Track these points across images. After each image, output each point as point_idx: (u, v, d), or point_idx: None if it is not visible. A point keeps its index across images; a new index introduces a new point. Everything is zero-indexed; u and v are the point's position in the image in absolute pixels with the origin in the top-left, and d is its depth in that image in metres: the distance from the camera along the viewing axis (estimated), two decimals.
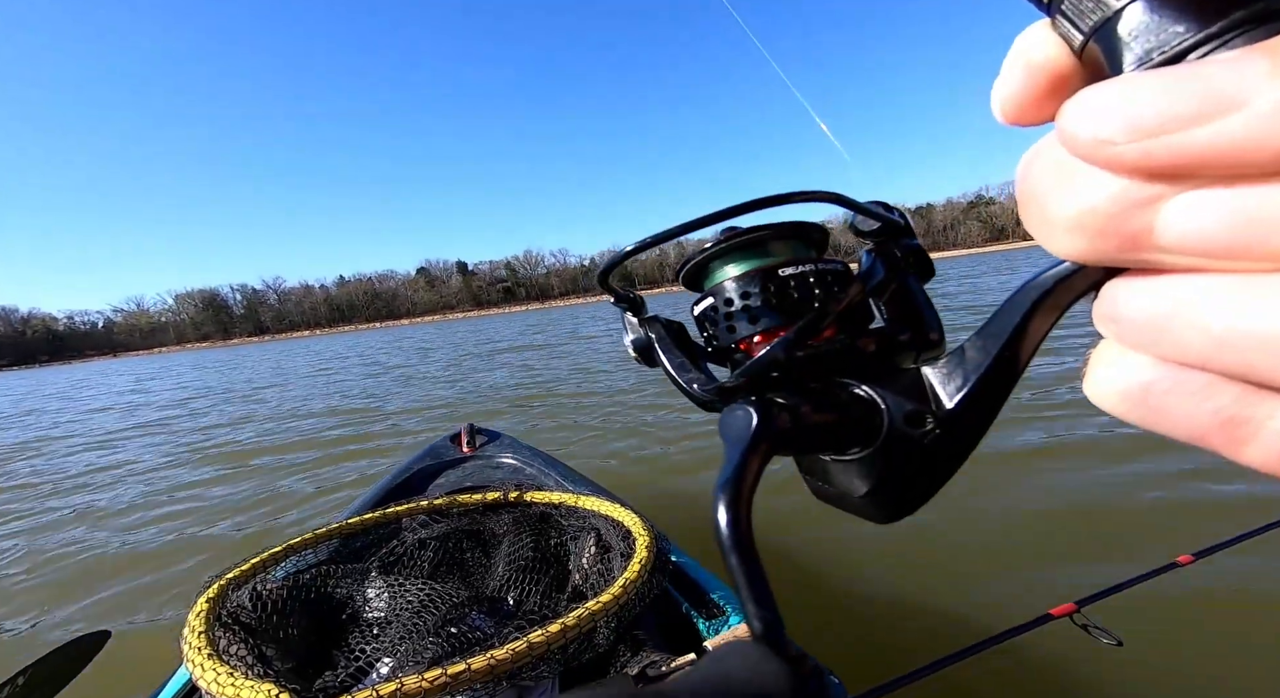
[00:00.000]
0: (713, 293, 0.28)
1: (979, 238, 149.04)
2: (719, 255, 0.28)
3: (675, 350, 0.31)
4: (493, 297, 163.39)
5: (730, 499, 0.18)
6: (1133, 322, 0.14)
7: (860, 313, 0.27)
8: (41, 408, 12.07)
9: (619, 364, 7.84)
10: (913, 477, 0.23)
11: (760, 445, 0.20)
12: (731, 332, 0.27)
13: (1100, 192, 0.13)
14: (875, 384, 0.24)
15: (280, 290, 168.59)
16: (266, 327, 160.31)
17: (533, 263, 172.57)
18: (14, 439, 7.48)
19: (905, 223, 0.28)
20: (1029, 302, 0.19)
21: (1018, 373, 0.20)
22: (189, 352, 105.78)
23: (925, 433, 0.22)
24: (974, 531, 2.08)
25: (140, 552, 2.88)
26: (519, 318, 54.64)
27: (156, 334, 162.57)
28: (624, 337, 0.34)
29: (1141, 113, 0.12)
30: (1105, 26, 0.14)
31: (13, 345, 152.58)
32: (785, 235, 0.28)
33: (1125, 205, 0.13)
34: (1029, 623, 1.05)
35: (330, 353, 22.18)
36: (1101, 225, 0.13)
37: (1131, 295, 0.14)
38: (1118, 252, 0.13)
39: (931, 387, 0.22)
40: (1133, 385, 0.14)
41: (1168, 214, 0.12)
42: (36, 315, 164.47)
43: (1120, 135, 0.12)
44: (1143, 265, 0.14)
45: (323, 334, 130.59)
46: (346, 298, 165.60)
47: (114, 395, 13.44)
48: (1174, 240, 0.12)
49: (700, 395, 0.28)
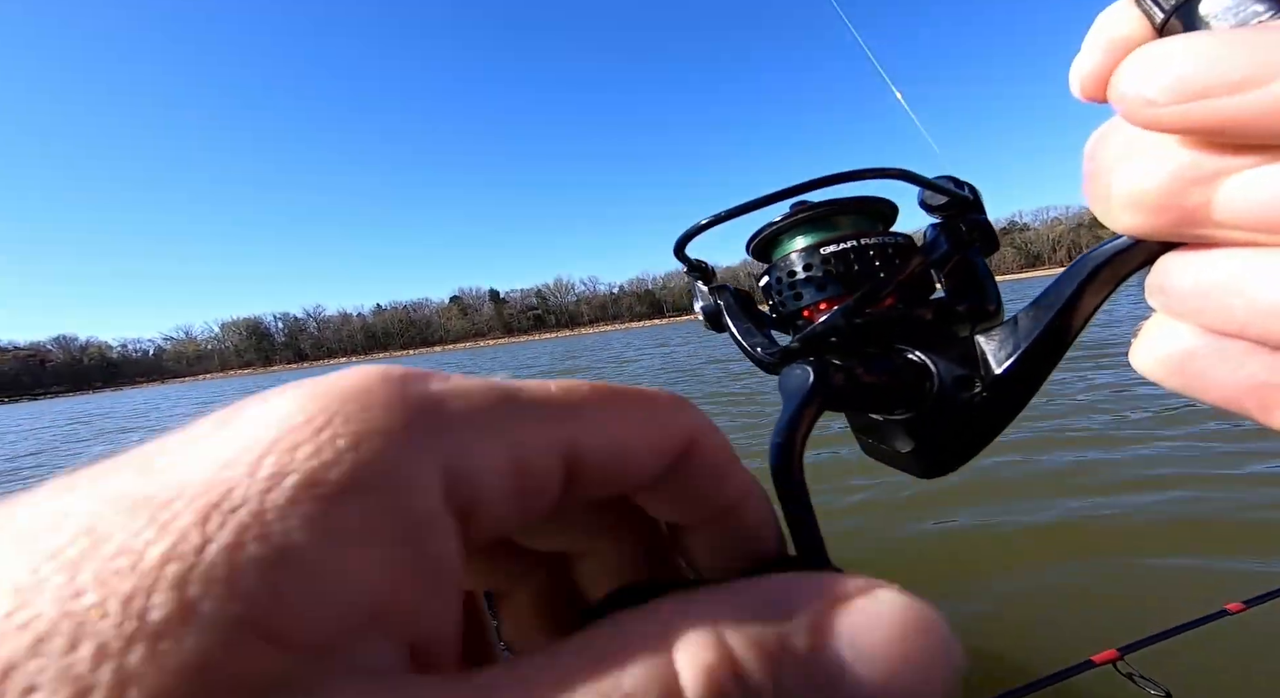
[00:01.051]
0: (779, 263, 0.29)
1: (1014, 264, 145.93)
2: (788, 228, 0.29)
3: (742, 317, 0.33)
4: (523, 324, 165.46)
5: (784, 445, 0.19)
6: (1180, 292, 0.14)
7: (921, 284, 0.28)
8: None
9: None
10: (955, 436, 0.24)
11: (814, 400, 0.21)
12: (796, 300, 0.28)
13: (1162, 168, 0.13)
14: (929, 350, 0.25)
15: (320, 318, 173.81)
16: (306, 354, 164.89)
17: (563, 290, 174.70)
18: None
19: (975, 197, 0.29)
20: (1084, 273, 0.19)
21: (1067, 343, 0.21)
22: (232, 378, 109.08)
23: (972, 396, 0.23)
24: (1013, 572, 2.00)
25: None
26: (550, 344, 55.05)
27: (202, 361, 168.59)
28: (694, 303, 0.36)
29: (1186, 71, 0.12)
30: (1187, 4, 0.14)
31: (70, 373, 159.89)
32: (852, 210, 0.29)
33: (1184, 182, 0.13)
34: (1069, 669, 1.00)
35: None
36: (1160, 201, 0.14)
37: (1182, 267, 0.14)
38: (1174, 227, 0.14)
39: (983, 353, 0.23)
40: (1175, 352, 0.15)
41: (1225, 190, 0.13)
42: (94, 344, 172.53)
43: (1161, 94, 0.12)
44: (1198, 240, 0.14)
45: (358, 360, 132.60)
46: (382, 325, 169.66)
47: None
48: (1229, 215, 0.13)
49: (763, 358, 0.30)
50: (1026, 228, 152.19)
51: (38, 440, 11.67)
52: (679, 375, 9.27)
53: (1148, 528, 2.15)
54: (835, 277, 0.27)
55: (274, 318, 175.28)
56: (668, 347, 19.26)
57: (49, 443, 11.02)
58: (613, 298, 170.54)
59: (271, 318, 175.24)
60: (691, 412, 0.15)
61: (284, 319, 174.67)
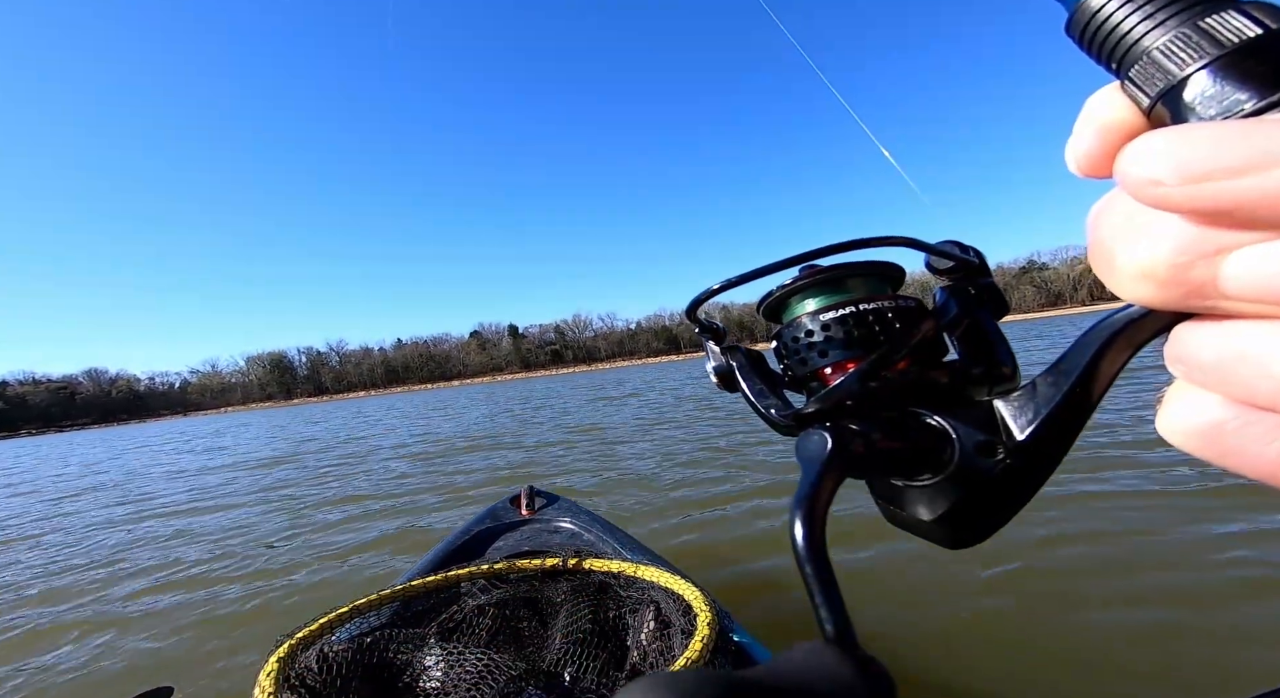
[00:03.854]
0: (791, 325, 0.29)
1: (1034, 303, 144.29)
2: (798, 291, 0.29)
3: (755, 378, 0.33)
4: (541, 359, 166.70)
5: (806, 514, 0.19)
6: (1201, 364, 0.14)
7: (934, 347, 0.28)
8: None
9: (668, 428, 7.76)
10: (982, 505, 0.23)
11: (834, 467, 0.21)
12: (808, 363, 0.28)
13: (1166, 243, 0.14)
14: (947, 414, 0.24)
15: (342, 352, 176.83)
16: (326, 387, 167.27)
17: (581, 326, 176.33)
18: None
19: (980, 261, 0.29)
20: (1100, 341, 0.19)
21: (1090, 408, 0.21)
22: (253, 410, 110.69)
23: (997, 463, 0.23)
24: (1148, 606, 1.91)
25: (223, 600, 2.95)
26: (567, 379, 55.13)
27: (225, 394, 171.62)
28: (707, 363, 0.36)
29: (1192, 157, 0.12)
30: (1171, 92, 0.14)
31: (99, 405, 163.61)
32: (861, 273, 0.29)
33: (1190, 256, 0.13)
34: None
35: (384, 415, 22.78)
36: (1167, 275, 0.14)
37: (1200, 339, 0.14)
38: (1184, 299, 0.14)
39: (1003, 419, 0.23)
40: (1202, 424, 0.15)
41: (1231, 265, 0.13)
42: (123, 377, 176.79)
43: (1169, 176, 0.13)
44: (1210, 311, 0.14)
45: (378, 394, 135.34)
46: (402, 360, 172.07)
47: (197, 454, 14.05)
48: (1237, 289, 0.13)
49: (778, 420, 0.29)
50: (1045, 267, 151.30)
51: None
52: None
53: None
54: (848, 340, 0.27)
55: (298, 352, 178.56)
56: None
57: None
58: (630, 334, 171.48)
59: (295, 351, 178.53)
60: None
61: (307, 353, 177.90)
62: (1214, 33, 0.14)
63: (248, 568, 3.49)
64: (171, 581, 3.41)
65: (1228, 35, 0.14)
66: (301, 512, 4.95)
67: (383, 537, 3.86)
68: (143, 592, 3.25)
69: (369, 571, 3.21)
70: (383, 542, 3.75)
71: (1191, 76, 0.14)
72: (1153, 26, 0.15)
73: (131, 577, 3.57)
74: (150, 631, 2.69)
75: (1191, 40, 0.14)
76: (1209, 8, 0.14)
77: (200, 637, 2.57)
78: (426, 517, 4.30)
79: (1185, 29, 0.14)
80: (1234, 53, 0.14)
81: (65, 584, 3.54)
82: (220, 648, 2.43)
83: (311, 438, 13.43)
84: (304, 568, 3.36)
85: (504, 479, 5.48)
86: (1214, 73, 0.14)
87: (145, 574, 3.59)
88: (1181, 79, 0.14)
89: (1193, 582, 2.02)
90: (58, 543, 4.72)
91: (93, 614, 2.98)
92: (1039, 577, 2.16)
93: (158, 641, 2.57)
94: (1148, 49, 0.15)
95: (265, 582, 3.19)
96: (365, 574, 3.16)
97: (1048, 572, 2.19)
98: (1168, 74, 0.14)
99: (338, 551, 3.66)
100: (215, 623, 2.70)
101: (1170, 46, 0.14)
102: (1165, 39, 0.15)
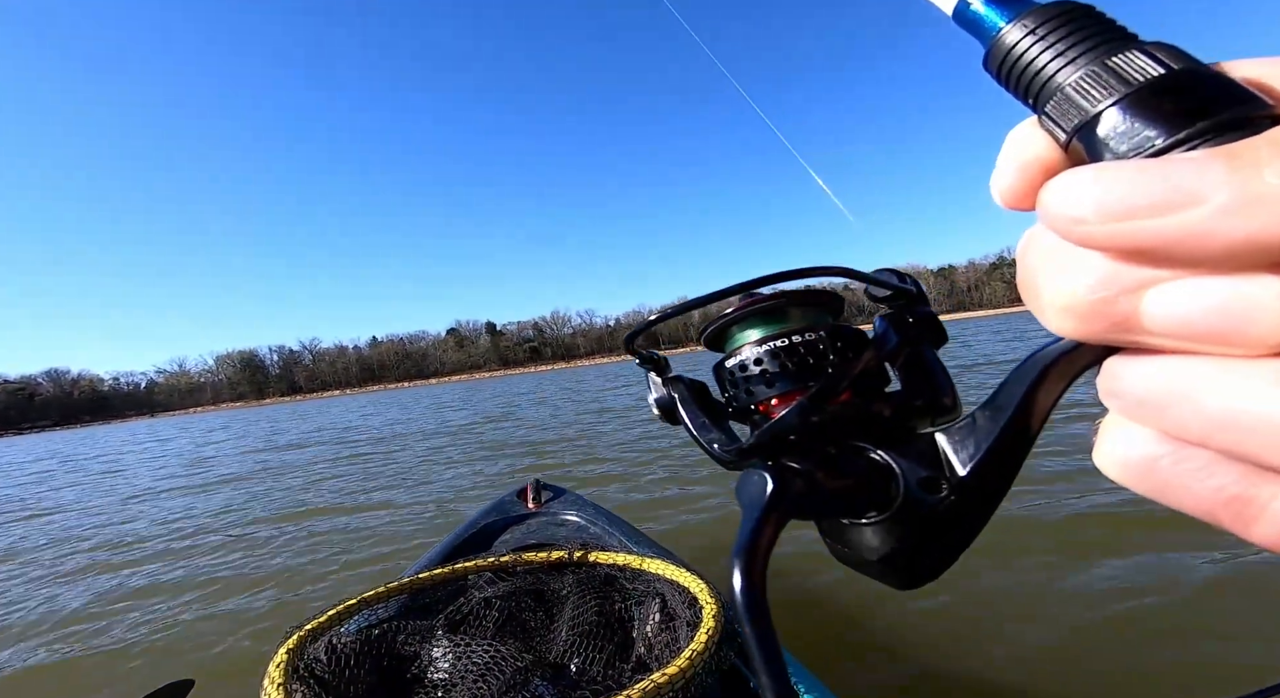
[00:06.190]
0: (733, 355, 0.29)
1: (1004, 299, 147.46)
2: (739, 320, 0.29)
3: (697, 410, 0.32)
4: (519, 356, 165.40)
5: (745, 566, 0.18)
6: (1132, 398, 0.14)
7: (875, 377, 0.27)
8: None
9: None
10: (930, 543, 0.23)
11: (774, 511, 0.20)
12: (750, 394, 0.28)
13: (1086, 277, 0.14)
14: (890, 449, 0.24)
15: (315, 351, 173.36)
16: (299, 386, 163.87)
17: (559, 323, 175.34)
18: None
19: (918, 290, 0.29)
20: (1034, 373, 0.19)
21: (1030, 441, 0.21)
22: (223, 411, 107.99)
23: (940, 499, 0.22)
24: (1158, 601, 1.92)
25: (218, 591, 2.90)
26: (547, 377, 54.83)
27: (194, 394, 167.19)
28: (649, 395, 0.35)
29: (1112, 196, 0.13)
30: (1085, 127, 0.15)
31: (59, 406, 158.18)
32: (801, 302, 0.29)
33: (1111, 291, 0.13)
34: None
35: (363, 413, 22.43)
36: (1089, 309, 0.14)
37: (1130, 373, 0.14)
38: (1108, 333, 0.14)
39: (945, 453, 0.23)
40: (1136, 458, 0.15)
41: (1150, 300, 0.13)
42: (86, 377, 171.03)
43: (1091, 215, 0.13)
44: (1136, 345, 0.14)
45: (353, 393, 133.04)
46: (378, 358, 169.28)
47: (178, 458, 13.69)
48: (1158, 325, 0.13)
49: (720, 455, 0.28)
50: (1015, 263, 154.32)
51: None
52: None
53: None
54: (788, 371, 0.27)
55: (269, 350, 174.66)
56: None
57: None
58: (609, 331, 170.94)
59: (267, 350, 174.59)
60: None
61: (279, 352, 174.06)
62: (1121, 71, 0.14)
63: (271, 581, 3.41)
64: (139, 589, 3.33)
65: (1134, 74, 0.14)
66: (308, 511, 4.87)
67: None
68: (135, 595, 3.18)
69: (381, 565, 3.23)
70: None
71: (1103, 113, 0.14)
72: (1064, 64, 0.15)
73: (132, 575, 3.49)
74: (152, 626, 2.64)
75: (1101, 78, 0.15)
76: (1114, 47, 0.15)
77: (209, 626, 2.57)
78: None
79: (1094, 67, 0.15)
80: (1141, 91, 0.14)
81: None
82: (230, 636, 2.43)
83: (307, 443, 13.12)
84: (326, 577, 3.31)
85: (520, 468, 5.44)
86: (1124, 110, 0.14)
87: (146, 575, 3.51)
88: (1094, 115, 0.15)
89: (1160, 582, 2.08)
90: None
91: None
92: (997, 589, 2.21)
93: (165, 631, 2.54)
94: (1061, 86, 0.15)
95: (280, 590, 3.15)
96: (377, 568, 3.19)
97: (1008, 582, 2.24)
98: (1081, 110, 0.15)
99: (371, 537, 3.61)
100: (221, 618, 2.67)
101: (1082, 83, 0.15)
102: (1077, 76, 0.15)
